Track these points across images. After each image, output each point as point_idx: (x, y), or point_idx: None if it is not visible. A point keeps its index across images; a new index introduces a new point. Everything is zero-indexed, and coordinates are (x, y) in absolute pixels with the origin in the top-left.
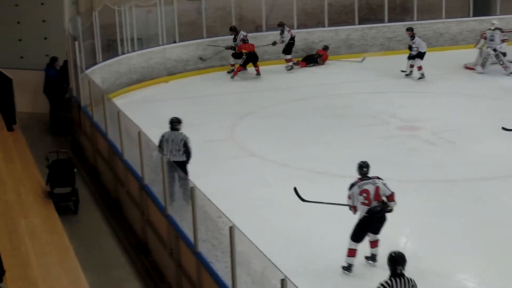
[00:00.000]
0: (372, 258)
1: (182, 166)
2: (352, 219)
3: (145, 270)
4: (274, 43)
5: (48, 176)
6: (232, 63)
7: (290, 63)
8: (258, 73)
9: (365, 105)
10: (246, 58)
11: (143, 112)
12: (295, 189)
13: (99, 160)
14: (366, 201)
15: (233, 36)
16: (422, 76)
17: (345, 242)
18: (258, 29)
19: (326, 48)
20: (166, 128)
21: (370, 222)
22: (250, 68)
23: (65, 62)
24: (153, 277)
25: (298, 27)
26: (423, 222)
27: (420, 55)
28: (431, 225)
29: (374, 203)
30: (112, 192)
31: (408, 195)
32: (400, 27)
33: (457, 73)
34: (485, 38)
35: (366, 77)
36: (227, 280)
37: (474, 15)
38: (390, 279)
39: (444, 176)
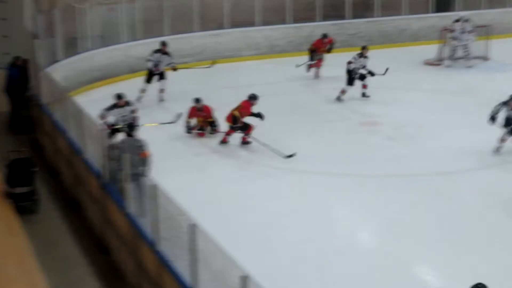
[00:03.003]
0: None
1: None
2: (315, 214)
3: (105, 270)
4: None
5: (8, 175)
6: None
7: None
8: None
9: (326, 100)
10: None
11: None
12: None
13: (60, 159)
14: None
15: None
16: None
17: (311, 238)
18: (220, 26)
19: (324, 36)
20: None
21: None
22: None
23: (25, 61)
24: (113, 277)
25: (263, 24)
26: (384, 217)
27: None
28: (392, 220)
29: None
30: (72, 191)
31: (369, 190)
32: (362, 23)
33: (418, 69)
34: (452, 31)
35: (328, 73)
36: (188, 278)
37: (435, 12)
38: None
39: (404, 170)
